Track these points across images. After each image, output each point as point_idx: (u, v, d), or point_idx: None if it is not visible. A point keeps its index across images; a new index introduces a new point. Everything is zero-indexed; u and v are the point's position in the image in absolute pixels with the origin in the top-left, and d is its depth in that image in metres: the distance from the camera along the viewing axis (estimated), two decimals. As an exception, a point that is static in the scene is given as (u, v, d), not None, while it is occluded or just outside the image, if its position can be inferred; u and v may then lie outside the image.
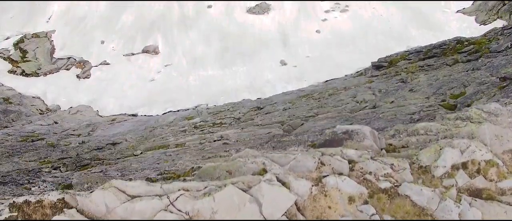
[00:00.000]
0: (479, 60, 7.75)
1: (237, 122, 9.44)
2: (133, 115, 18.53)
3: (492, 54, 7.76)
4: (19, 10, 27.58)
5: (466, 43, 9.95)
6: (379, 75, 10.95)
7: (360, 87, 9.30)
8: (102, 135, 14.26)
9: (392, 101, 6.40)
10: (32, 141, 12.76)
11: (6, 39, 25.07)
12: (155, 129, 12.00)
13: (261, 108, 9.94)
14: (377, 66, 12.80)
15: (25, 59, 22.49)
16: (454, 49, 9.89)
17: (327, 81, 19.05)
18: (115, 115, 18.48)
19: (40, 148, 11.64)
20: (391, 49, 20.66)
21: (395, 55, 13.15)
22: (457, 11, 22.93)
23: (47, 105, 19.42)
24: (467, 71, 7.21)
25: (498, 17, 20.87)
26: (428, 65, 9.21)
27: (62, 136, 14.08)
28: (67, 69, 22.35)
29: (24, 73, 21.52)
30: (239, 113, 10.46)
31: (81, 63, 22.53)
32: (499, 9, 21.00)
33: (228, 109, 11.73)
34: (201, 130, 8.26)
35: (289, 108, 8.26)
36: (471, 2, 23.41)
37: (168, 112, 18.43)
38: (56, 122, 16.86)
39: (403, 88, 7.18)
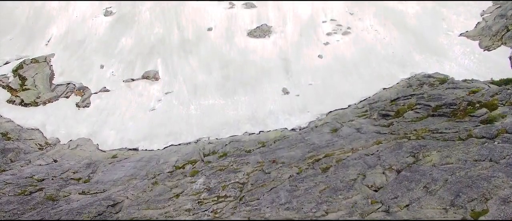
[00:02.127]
0: (496, 143, 7.34)
1: (241, 190, 9.04)
2: (134, 149, 18.13)
3: (509, 135, 7.34)
4: (19, 32, 27.22)
5: (478, 105, 9.52)
6: (387, 132, 10.50)
7: (368, 155, 8.87)
8: (102, 181, 13.86)
9: (407, 205, 6.01)
10: (30, 193, 12.36)
11: (6, 63, 24.65)
12: (157, 184, 11.59)
13: (267, 173, 9.54)
14: (383, 114, 12.38)
15: (24, 87, 22.03)
16: (465, 112, 9.45)
17: (330, 112, 18.66)
18: (115, 150, 18.07)
19: (38, 205, 11.24)
20: (395, 76, 20.34)
21: (402, 103, 12.70)
22: (460, 34, 22.47)
23: (46, 138, 18.99)
24: (484, 160, 6.79)
25: (502, 43, 20.42)
26: (440, 133, 8.78)
27: (61, 182, 13.67)
28: (67, 97, 21.89)
29: (23, 103, 21.08)
30: (243, 174, 10.05)
31: (81, 91, 22.08)
32: (503, 35, 20.54)
33: (231, 165, 11.30)
34: (204, 210, 7.87)
35: (296, 189, 7.85)
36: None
37: (169, 146, 18.02)
38: (55, 160, 16.45)
39: (417, 181, 6.75)
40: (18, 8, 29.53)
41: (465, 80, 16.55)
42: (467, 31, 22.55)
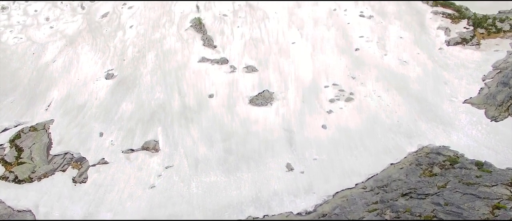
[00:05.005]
0: None
1: None
2: (131, 236, 16.79)
3: None
4: (20, 95, 26.72)
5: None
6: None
7: None
8: None
9: None
10: None
11: (4, 131, 23.80)
12: None
13: None
14: (399, 225, 11.32)
15: (19, 161, 20.94)
16: (496, 249, 8.41)
17: (337, 193, 17.52)
18: (111, 238, 16.74)
19: None
20: (401, 149, 19.39)
21: (417, 211, 11.61)
22: (465, 101, 21.77)
23: (38, 223, 17.69)
24: None
25: (509, 114, 19.68)
26: None
27: None
28: (63, 170, 20.72)
29: (16, 179, 19.93)
30: None
31: (78, 163, 21.00)
32: (508, 106, 19.88)
33: None
34: None
35: None
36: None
37: (169, 232, 16.72)
38: (46, 256, 15.08)
39: None
40: (22, 69, 29.32)
41: (477, 165, 15.60)
42: (471, 98, 21.89)
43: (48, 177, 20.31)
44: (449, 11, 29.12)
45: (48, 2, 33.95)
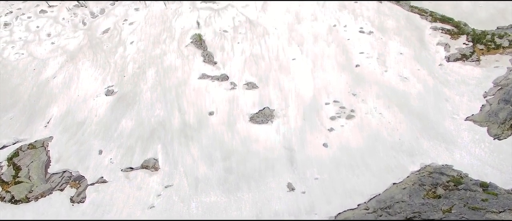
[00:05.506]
0: None
1: None
2: (128, 260, 16.38)
3: None
4: (20, 111, 26.49)
5: None
6: None
7: None
8: None
9: None
10: None
11: (2, 148, 23.57)
12: None
13: None
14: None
15: (17, 180, 20.62)
16: None
17: (339, 214, 17.19)
18: (108, 261, 16.32)
19: None
20: (404, 168, 19.10)
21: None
22: (466, 118, 21.59)
23: (34, 246, 17.29)
24: None
25: (512, 133, 19.50)
26: None
27: None
28: (61, 190, 20.42)
29: (13, 199, 19.58)
30: None
31: (76, 182, 20.69)
32: (511, 124, 19.69)
33: None
34: None
35: None
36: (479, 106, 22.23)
37: (167, 256, 16.31)
38: None
39: None
40: (23, 85, 29.20)
41: (482, 187, 15.31)
42: (473, 115, 21.69)
43: (45, 196, 19.97)
44: (448, 26, 29.20)
45: (49, 18, 34.18)
